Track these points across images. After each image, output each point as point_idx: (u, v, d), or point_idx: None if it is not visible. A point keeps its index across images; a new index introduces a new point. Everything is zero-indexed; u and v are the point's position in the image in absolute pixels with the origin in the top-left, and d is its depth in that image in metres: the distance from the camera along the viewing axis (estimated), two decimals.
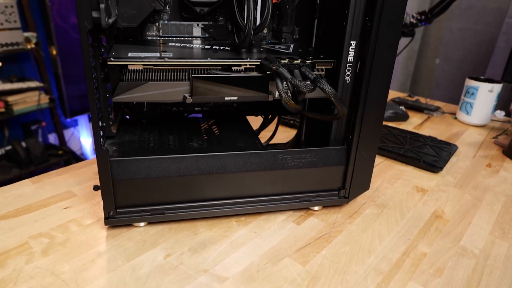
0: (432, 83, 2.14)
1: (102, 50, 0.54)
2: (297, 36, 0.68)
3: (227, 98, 0.55)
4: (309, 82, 0.54)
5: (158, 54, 0.53)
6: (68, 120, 2.64)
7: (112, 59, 0.50)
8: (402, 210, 0.65)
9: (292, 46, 0.65)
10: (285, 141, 0.80)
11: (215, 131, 0.68)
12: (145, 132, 0.64)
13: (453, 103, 2.04)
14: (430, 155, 0.83)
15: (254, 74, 0.55)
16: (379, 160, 0.83)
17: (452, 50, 2.00)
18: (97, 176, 0.51)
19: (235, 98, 0.56)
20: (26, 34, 2.19)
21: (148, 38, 0.63)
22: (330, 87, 0.52)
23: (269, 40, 0.68)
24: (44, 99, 2.32)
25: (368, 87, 0.56)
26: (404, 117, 1.07)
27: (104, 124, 0.58)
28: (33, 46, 2.21)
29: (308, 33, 0.68)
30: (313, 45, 0.67)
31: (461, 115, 1.08)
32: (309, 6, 0.65)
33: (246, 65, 0.55)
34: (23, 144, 2.31)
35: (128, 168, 0.53)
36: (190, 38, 0.64)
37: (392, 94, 1.34)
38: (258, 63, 0.55)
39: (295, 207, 0.62)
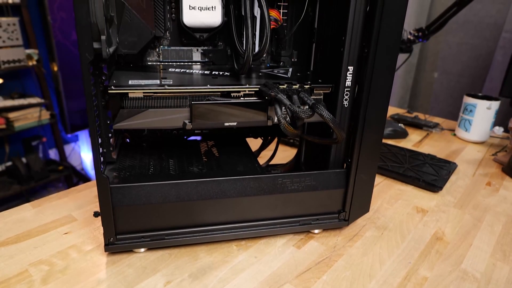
0: (431, 97, 2.16)
1: (103, 78, 0.55)
2: (296, 59, 0.69)
3: (226, 124, 0.56)
4: (307, 108, 0.55)
5: (158, 81, 0.54)
6: (69, 135, 2.65)
7: (113, 87, 0.51)
8: (402, 232, 0.65)
9: (290, 70, 0.65)
10: (285, 160, 0.80)
11: (214, 154, 0.68)
12: (145, 157, 0.64)
13: (452, 116, 2.05)
14: (430, 174, 0.83)
15: (253, 99, 0.56)
16: (379, 180, 0.83)
17: (450, 64, 2.02)
18: (98, 199, 0.51)
19: (235, 123, 0.56)
20: (28, 51, 2.21)
21: (149, 63, 0.64)
22: (328, 113, 0.53)
23: (268, 64, 0.69)
24: (45, 115, 2.33)
25: (366, 111, 0.57)
26: (403, 135, 1.07)
27: (105, 150, 0.58)
28: (34, 63, 2.23)
29: (306, 56, 0.69)
30: (312, 69, 0.68)
31: (460, 132, 1.09)
32: (307, 30, 0.66)
33: (245, 91, 0.56)
34: (24, 160, 2.32)
35: (128, 194, 0.53)
36: (190, 63, 0.65)
37: (391, 110, 1.35)
38: (257, 89, 0.55)
39: (295, 230, 0.62)
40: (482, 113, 1.03)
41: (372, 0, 0.52)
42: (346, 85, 0.58)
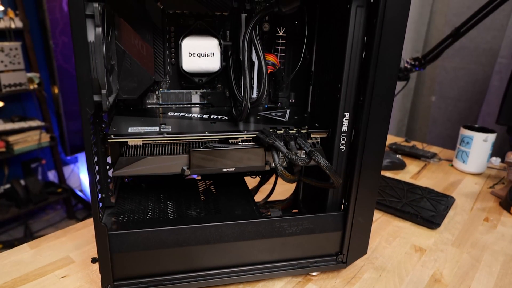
0: (429, 120, 2.17)
1: (103, 126, 0.56)
2: (293, 100, 0.70)
3: (224, 170, 0.56)
4: (304, 154, 0.56)
5: (157, 128, 0.55)
6: (68, 157, 2.65)
7: (112, 136, 0.52)
8: (400, 273, 0.65)
9: (288, 112, 0.66)
10: (283, 194, 0.80)
11: (213, 195, 0.68)
12: (144, 199, 0.65)
13: (450, 140, 2.06)
14: (428, 210, 0.83)
15: (251, 145, 0.56)
16: (377, 216, 0.83)
17: (447, 88, 2.04)
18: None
19: (233, 169, 0.57)
20: (30, 74, 2.23)
21: (148, 106, 0.65)
22: (324, 160, 0.54)
23: (266, 105, 0.70)
24: (45, 138, 2.34)
25: (363, 156, 0.58)
26: (401, 166, 1.08)
27: (104, 195, 0.59)
28: (35, 86, 2.25)
29: (304, 97, 0.70)
30: (309, 110, 0.69)
31: (458, 163, 1.09)
32: (304, 72, 0.68)
33: (243, 137, 0.57)
34: (22, 182, 2.31)
35: (127, 241, 0.53)
36: (189, 105, 0.66)
37: (389, 139, 1.36)
38: (255, 135, 0.56)
39: (293, 273, 0.62)
40: (479, 145, 1.04)
41: (367, 48, 0.53)
42: (342, 130, 0.58)
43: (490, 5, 1.08)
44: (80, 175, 2.82)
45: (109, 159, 0.58)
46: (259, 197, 0.75)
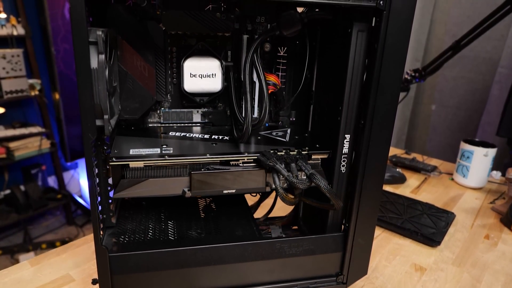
0: (429, 128, 2.17)
1: (105, 147, 0.56)
2: (294, 119, 0.70)
3: (225, 191, 0.57)
4: (304, 177, 0.56)
5: (158, 150, 0.55)
6: (69, 163, 2.65)
7: (114, 159, 0.52)
8: None
9: (288, 131, 0.67)
10: (284, 210, 0.80)
11: (213, 214, 0.68)
12: (144, 218, 0.65)
13: (451, 148, 2.06)
14: (428, 227, 0.83)
15: (251, 166, 0.57)
16: (377, 232, 0.83)
17: (447, 97, 2.05)
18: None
19: (233, 190, 0.57)
20: (31, 81, 2.24)
21: (150, 125, 0.65)
22: (325, 183, 0.54)
23: (267, 124, 0.70)
24: (46, 144, 2.34)
25: (364, 178, 0.58)
26: (401, 180, 1.08)
27: (105, 216, 0.59)
28: (37, 92, 2.26)
29: (305, 116, 0.70)
30: (309, 129, 0.69)
31: (458, 177, 1.09)
32: (305, 92, 0.68)
33: (244, 159, 0.57)
34: (22, 187, 2.31)
35: (127, 263, 0.53)
36: (190, 124, 0.66)
37: (389, 151, 1.36)
38: (256, 157, 0.56)
39: None
40: (479, 160, 1.04)
41: (368, 71, 0.54)
42: (343, 152, 0.59)
43: (490, 19, 1.08)
44: (80, 181, 2.82)
45: (110, 180, 0.58)
46: (259, 212, 0.75)
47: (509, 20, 1.76)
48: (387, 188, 1.05)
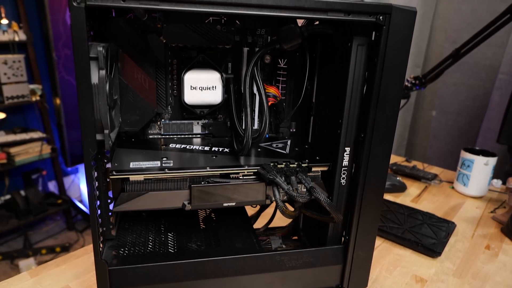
0: (430, 134, 2.17)
1: (105, 160, 0.56)
2: (294, 130, 0.70)
3: (225, 204, 0.56)
4: (305, 190, 0.56)
5: (158, 163, 0.55)
6: (69, 168, 2.66)
7: (114, 173, 0.52)
8: None
9: (289, 143, 0.67)
10: (283, 219, 0.80)
11: (213, 226, 0.68)
12: (144, 230, 0.65)
13: (451, 154, 2.06)
14: (429, 237, 0.83)
15: (252, 179, 0.57)
16: (378, 243, 0.83)
17: (448, 103, 2.05)
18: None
19: (233, 204, 0.57)
20: (32, 86, 2.25)
21: (150, 136, 0.65)
22: (325, 196, 0.54)
23: (267, 135, 0.70)
24: (46, 149, 2.34)
25: (364, 190, 0.58)
26: (401, 189, 1.08)
27: (104, 229, 0.59)
28: (38, 98, 2.26)
29: (305, 127, 0.70)
30: (310, 140, 0.69)
31: (458, 186, 1.09)
32: (306, 103, 0.68)
33: (244, 172, 0.57)
34: (22, 193, 2.32)
35: (127, 276, 0.53)
36: (190, 136, 0.67)
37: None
38: (256, 170, 0.56)
39: None
40: (480, 169, 1.04)
41: (368, 85, 0.54)
42: (343, 164, 0.59)
43: (490, 27, 1.09)
44: (80, 186, 2.82)
45: (110, 193, 0.58)
46: (259, 221, 0.75)
47: (509, 27, 1.76)
48: (387, 197, 1.04)
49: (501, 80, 1.78)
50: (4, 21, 2.09)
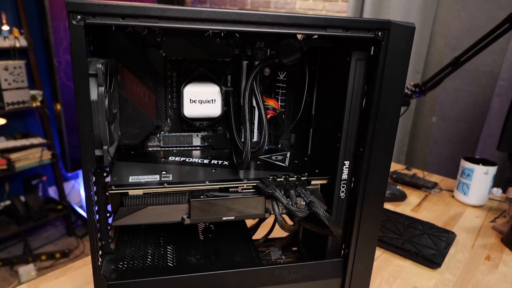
0: (430, 140, 2.17)
1: (104, 174, 0.56)
2: (293, 142, 0.70)
3: (224, 218, 0.56)
4: (304, 204, 0.56)
5: (157, 177, 0.55)
6: (69, 174, 2.66)
7: (113, 187, 0.52)
8: None
9: (288, 155, 0.67)
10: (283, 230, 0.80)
11: (212, 238, 0.68)
12: (143, 242, 0.64)
13: (452, 160, 2.06)
14: (429, 248, 0.82)
15: (251, 193, 0.57)
16: (377, 253, 0.82)
17: (448, 109, 2.05)
18: None
19: (232, 217, 0.57)
20: (33, 92, 2.25)
21: (149, 149, 0.65)
22: (324, 211, 0.54)
23: (266, 147, 0.70)
24: (47, 155, 2.34)
25: (363, 204, 0.58)
26: (401, 197, 1.08)
27: (103, 243, 0.59)
28: (38, 103, 2.27)
29: (304, 139, 0.70)
30: (309, 152, 0.69)
31: (458, 195, 1.09)
32: (305, 115, 0.68)
33: (243, 186, 0.57)
34: (22, 198, 2.31)
35: None
36: (189, 148, 0.67)
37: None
38: (255, 184, 0.56)
39: None
40: (480, 178, 1.04)
41: (367, 98, 0.54)
42: (342, 178, 0.59)
43: (489, 36, 1.09)
44: (80, 191, 2.82)
45: (109, 207, 0.58)
46: (259, 231, 0.75)
47: (509, 34, 1.77)
48: (387, 206, 1.04)
49: (501, 87, 1.79)
50: (5, 28, 2.10)
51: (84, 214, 2.61)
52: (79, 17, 0.41)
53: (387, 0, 2.04)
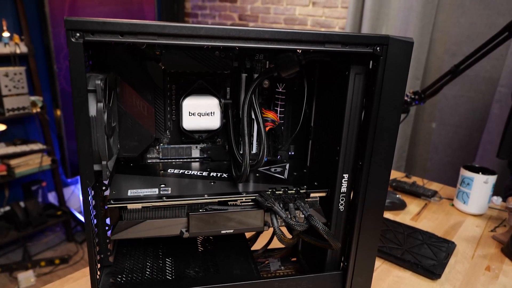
0: (430, 146, 2.17)
1: (103, 188, 0.56)
2: (293, 153, 0.70)
3: (223, 232, 0.56)
4: (303, 218, 0.56)
5: (156, 190, 0.55)
6: (69, 179, 2.66)
7: (112, 201, 0.52)
8: None
9: (287, 167, 0.67)
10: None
11: (211, 248, 0.68)
12: (142, 255, 0.64)
13: (452, 166, 2.06)
14: (428, 258, 0.82)
15: (250, 207, 0.56)
16: (377, 264, 0.82)
17: (448, 115, 2.05)
18: None
19: (231, 230, 0.57)
20: (33, 98, 2.25)
21: (148, 161, 0.65)
22: (322, 225, 0.54)
23: (265, 158, 0.70)
24: (46, 161, 2.34)
25: (362, 216, 0.58)
26: (401, 206, 1.07)
27: (102, 256, 0.59)
28: (38, 110, 2.27)
29: (303, 150, 0.70)
30: (308, 164, 0.69)
31: (458, 204, 1.09)
32: (304, 127, 0.68)
33: (242, 199, 0.57)
34: (22, 204, 2.31)
35: None
36: (188, 160, 0.67)
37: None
38: (254, 197, 0.56)
39: None
40: (480, 187, 1.03)
41: (366, 112, 0.54)
42: (341, 191, 0.59)
43: (488, 45, 1.09)
44: (80, 197, 2.82)
45: (108, 220, 0.58)
46: (259, 242, 0.75)
47: (509, 40, 1.78)
48: (387, 215, 1.04)
49: (500, 93, 1.79)
50: (6, 34, 2.10)
51: (83, 219, 2.61)
52: (78, 34, 0.41)
53: (387, 7, 2.05)
